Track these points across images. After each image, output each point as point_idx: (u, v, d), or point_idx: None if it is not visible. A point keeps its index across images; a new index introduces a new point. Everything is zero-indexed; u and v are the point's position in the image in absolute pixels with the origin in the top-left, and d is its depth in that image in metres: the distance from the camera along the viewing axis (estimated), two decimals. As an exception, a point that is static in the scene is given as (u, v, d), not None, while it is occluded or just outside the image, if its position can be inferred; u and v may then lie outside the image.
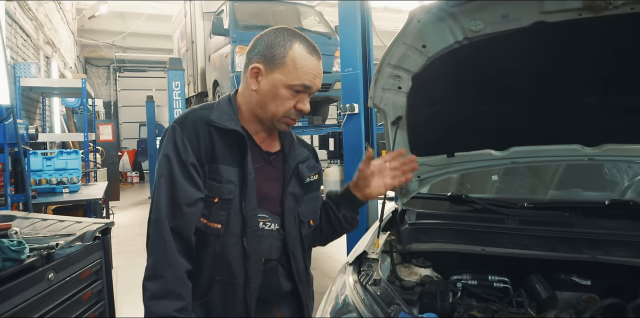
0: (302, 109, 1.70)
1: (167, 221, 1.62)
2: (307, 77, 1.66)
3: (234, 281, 1.66)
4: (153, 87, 19.94)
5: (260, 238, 1.70)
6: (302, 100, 1.69)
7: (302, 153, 1.88)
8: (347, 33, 4.94)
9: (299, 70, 1.65)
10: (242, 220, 1.67)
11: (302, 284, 1.83)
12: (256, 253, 1.68)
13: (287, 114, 1.69)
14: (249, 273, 1.66)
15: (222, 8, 9.36)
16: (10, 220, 2.89)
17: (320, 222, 1.92)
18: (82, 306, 2.61)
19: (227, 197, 1.66)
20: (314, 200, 1.91)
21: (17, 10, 7.96)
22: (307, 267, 1.90)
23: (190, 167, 1.63)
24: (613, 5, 1.83)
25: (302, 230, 1.83)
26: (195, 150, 1.65)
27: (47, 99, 9.97)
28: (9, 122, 4.61)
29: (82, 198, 6.11)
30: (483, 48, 2.20)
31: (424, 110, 2.58)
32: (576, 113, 2.39)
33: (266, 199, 1.75)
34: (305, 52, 1.67)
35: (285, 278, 1.79)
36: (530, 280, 2.33)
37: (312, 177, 1.89)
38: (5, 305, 2.01)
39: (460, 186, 3.44)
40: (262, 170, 1.76)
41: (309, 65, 1.67)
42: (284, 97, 1.66)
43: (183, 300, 1.59)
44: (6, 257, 2.11)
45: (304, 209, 1.84)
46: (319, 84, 1.71)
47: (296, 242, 1.80)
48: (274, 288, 1.76)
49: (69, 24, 15.22)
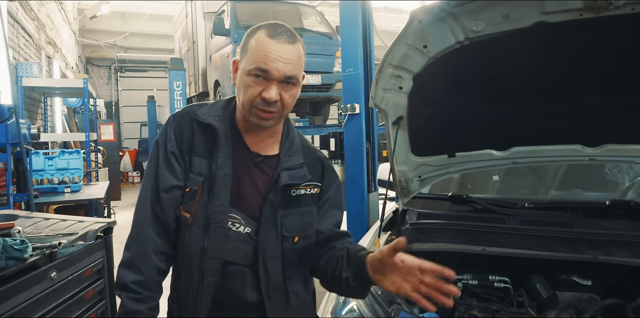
0: (265, 97, 1.55)
1: (148, 201, 1.69)
2: (262, 60, 1.53)
3: (192, 274, 1.68)
4: (154, 87, 19.93)
5: (225, 238, 1.65)
6: (267, 88, 1.55)
7: (295, 161, 1.74)
8: (348, 33, 4.94)
9: (255, 54, 1.56)
10: (208, 214, 1.65)
11: (272, 302, 1.69)
12: (214, 251, 1.64)
13: (254, 104, 1.58)
14: (202, 269, 1.64)
15: (224, 8, 9.37)
16: (12, 219, 2.89)
17: (327, 265, 1.76)
18: (84, 305, 2.61)
19: (194, 187, 1.66)
20: (306, 215, 1.75)
21: (19, 10, 7.97)
22: (289, 287, 1.73)
23: (170, 155, 1.67)
24: (614, 6, 1.83)
25: (284, 244, 1.70)
26: (179, 141, 1.68)
27: (48, 99, 9.98)
28: (11, 121, 4.62)
29: (83, 198, 6.12)
30: (484, 48, 2.20)
31: (424, 110, 2.58)
32: (577, 113, 2.40)
33: (244, 201, 1.69)
34: (266, 36, 1.56)
35: (252, 288, 1.69)
36: (530, 280, 2.33)
37: (308, 189, 1.76)
38: (8, 303, 2.01)
39: (461, 186, 3.45)
40: (247, 171, 1.71)
41: (267, 48, 1.54)
42: (247, 85, 1.58)
43: (142, 275, 1.65)
44: (9, 255, 2.11)
45: (290, 223, 1.71)
46: (281, 68, 1.54)
47: (274, 254, 1.69)
48: (235, 295, 1.68)
49: (71, 24, 15.24)
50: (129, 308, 1.66)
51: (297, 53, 1.58)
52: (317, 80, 8.40)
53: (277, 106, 1.58)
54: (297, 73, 1.59)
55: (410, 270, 1.48)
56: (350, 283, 1.63)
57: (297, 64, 1.59)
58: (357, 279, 1.61)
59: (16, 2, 7.69)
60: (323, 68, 8.51)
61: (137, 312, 1.65)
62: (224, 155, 1.65)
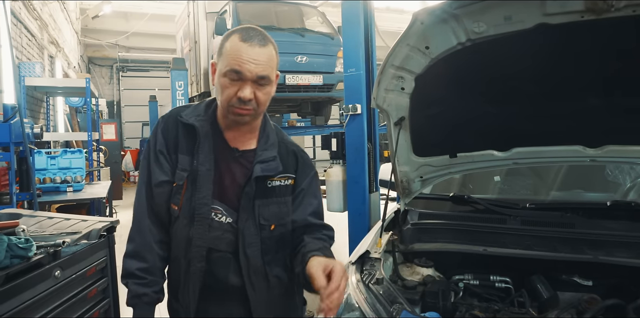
0: (240, 96, 1.68)
1: (143, 196, 1.87)
2: (235, 63, 1.66)
3: (180, 261, 1.85)
4: (156, 87, 19.96)
5: (208, 228, 1.80)
6: (242, 88, 1.68)
7: (268, 154, 1.87)
8: (350, 33, 4.93)
9: (229, 56, 1.68)
10: (192, 207, 1.80)
11: (253, 285, 1.84)
12: (199, 239, 1.79)
13: (231, 103, 1.71)
14: (189, 257, 1.81)
15: (225, 8, 9.38)
16: (16, 218, 2.90)
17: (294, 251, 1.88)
18: (88, 303, 2.63)
19: (179, 182, 1.81)
20: (281, 205, 1.90)
21: (21, 10, 8.00)
22: (268, 272, 1.87)
23: (159, 154, 1.84)
24: (615, 8, 1.84)
25: (262, 232, 1.85)
26: (166, 141, 1.85)
27: (51, 98, 10.00)
28: (14, 121, 4.64)
29: (85, 198, 6.15)
30: (486, 49, 2.21)
31: (426, 111, 2.59)
32: (578, 114, 2.41)
33: (225, 193, 1.84)
34: (239, 40, 1.69)
35: (235, 274, 1.84)
36: (532, 281, 2.34)
37: (282, 181, 1.89)
38: (13, 301, 2.03)
39: (462, 186, 3.46)
40: (227, 166, 1.85)
41: (239, 50, 1.67)
42: (223, 86, 1.71)
43: (146, 263, 1.83)
44: (14, 254, 2.12)
45: (266, 212, 1.85)
46: (253, 69, 1.66)
47: (253, 241, 1.83)
48: (220, 280, 1.83)
49: (73, 24, 15.26)
50: (136, 293, 1.83)
51: (268, 55, 1.71)
52: (319, 81, 8.41)
53: (252, 104, 1.72)
54: (268, 73, 1.71)
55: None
56: (300, 277, 1.79)
57: (268, 64, 1.71)
58: (305, 277, 1.71)
59: (19, 2, 7.71)
60: (325, 68, 8.52)
61: (143, 295, 1.83)
62: (205, 152, 1.80)
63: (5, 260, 2.07)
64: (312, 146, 22.84)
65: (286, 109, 9.71)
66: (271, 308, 1.91)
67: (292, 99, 8.84)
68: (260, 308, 1.87)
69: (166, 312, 2.01)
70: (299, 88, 8.29)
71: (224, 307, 1.87)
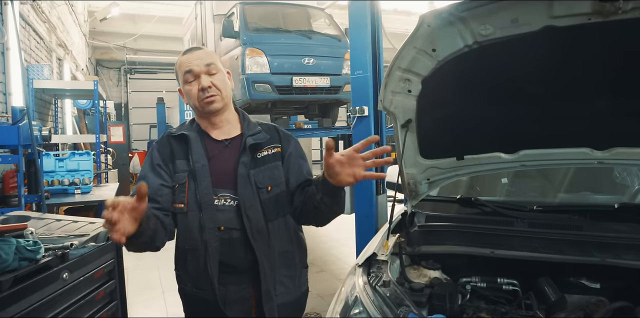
0: (202, 87, 2.05)
1: None
2: (185, 66, 2.07)
3: (197, 247, 2.03)
4: (163, 89, 19.97)
5: (216, 212, 2.03)
6: (199, 81, 2.06)
7: (254, 129, 2.18)
8: (357, 36, 4.95)
9: (180, 67, 2.10)
10: (197, 199, 2.04)
11: (258, 243, 2.03)
12: (210, 222, 2.02)
13: (200, 98, 2.07)
14: (205, 239, 2.01)
15: (233, 10, 9.38)
16: (25, 220, 2.93)
17: (306, 203, 2.08)
18: (95, 305, 2.65)
19: (181, 182, 2.07)
20: (272, 169, 2.13)
21: (30, 12, 8.04)
22: (270, 233, 2.08)
23: (157, 166, 2.10)
24: (622, 10, 1.84)
25: (261, 195, 2.07)
26: (162, 155, 2.14)
27: (59, 101, 10.05)
28: (23, 123, 4.67)
29: (93, 200, 6.16)
30: (493, 52, 2.22)
31: (433, 113, 2.59)
32: (586, 116, 2.40)
33: (223, 179, 2.08)
34: (181, 56, 2.12)
35: (246, 246, 2.03)
36: (539, 283, 2.33)
37: (269, 150, 2.16)
38: (22, 303, 2.05)
39: (469, 189, 3.45)
40: (219, 157, 2.12)
41: (184, 59, 2.09)
42: (188, 90, 2.09)
43: None
44: (22, 256, 2.14)
45: (261, 177, 2.09)
46: (199, 63, 2.06)
47: (252, 204, 2.05)
48: (237, 256, 2.04)
49: (81, 26, 15.33)
50: None
51: (205, 52, 2.12)
52: (326, 83, 8.41)
53: (213, 90, 2.06)
54: (212, 61, 2.08)
55: (351, 157, 1.82)
56: (325, 202, 1.97)
57: (208, 55, 2.10)
58: (327, 194, 1.95)
59: (27, 5, 7.75)
60: (331, 70, 8.51)
61: None
62: (197, 152, 2.09)
63: (14, 262, 2.09)
64: (319, 148, 22.85)
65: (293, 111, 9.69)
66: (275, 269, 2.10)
67: (299, 101, 8.82)
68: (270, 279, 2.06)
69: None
70: (306, 90, 8.28)
71: (240, 286, 2.06)
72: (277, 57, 8.09)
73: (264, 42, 8.24)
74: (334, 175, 1.84)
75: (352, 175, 1.82)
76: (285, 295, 2.13)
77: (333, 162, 1.81)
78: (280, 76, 8.02)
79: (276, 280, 2.10)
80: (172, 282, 2.23)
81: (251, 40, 8.28)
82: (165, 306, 5.37)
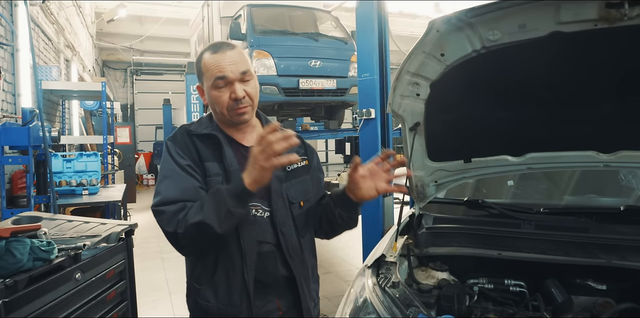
0: (235, 97, 1.83)
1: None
2: (217, 70, 1.82)
3: (234, 258, 1.84)
4: (169, 90, 20.06)
5: (253, 223, 1.86)
6: (232, 89, 1.84)
7: None
8: (364, 39, 4.96)
9: (209, 70, 1.85)
10: None
11: (295, 261, 1.91)
12: (248, 233, 1.83)
13: (229, 108, 1.86)
14: (244, 251, 1.82)
15: (240, 13, 9.41)
16: (37, 221, 2.96)
17: (320, 217, 2.03)
18: (107, 306, 2.67)
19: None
20: (303, 183, 2.02)
21: (39, 14, 8.10)
22: (304, 249, 1.97)
23: (187, 167, 1.84)
24: (628, 17, 1.86)
25: (293, 210, 1.95)
26: (187, 156, 1.88)
27: (66, 102, 10.10)
28: (33, 124, 4.71)
29: (101, 200, 6.20)
30: (500, 56, 2.24)
31: (441, 117, 2.62)
32: (592, 120, 2.43)
33: None
34: (209, 54, 1.87)
35: (280, 262, 1.90)
36: (546, 284, 2.35)
37: (299, 163, 2.02)
38: (36, 303, 2.08)
39: (476, 191, 3.47)
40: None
41: (214, 60, 1.84)
42: (217, 97, 1.86)
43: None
44: (36, 257, 2.17)
45: (293, 191, 1.97)
46: (234, 69, 1.83)
47: (286, 220, 1.92)
48: (270, 272, 1.89)
49: (88, 28, 15.40)
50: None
51: (238, 53, 1.87)
52: (332, 85, 8.42)
53: (247, 101, 1.87)
54: (247, 67, 1.86)
55: (373, 171, 1.84)
56: (343, 217, 1.96)
57: (243, 60, 1.87)
58: (346, 209, 1.94)
59: (37, 6, 7.81)
60: (338, 72, 8.52)
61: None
62: (230, 155, 1.89)
63: (28, 262, 2.12)
64: (325, 150, 22.87)
65: (299, 113, 9.70)
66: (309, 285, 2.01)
67: (305, 103, 8.83)
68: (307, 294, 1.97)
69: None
70: (313, 92, 8.29)
71: (265, 300, 1.90)
72: (283, 60, 8.10)
73: (271, 45, 8.25)
74: (355, 190, 1.86)
75: (374, 188, 1.84)
76: (315, 309, 2.06)
77: (358, 177, 1.83)
78: (287, 78, 8.03)
79: (309, 295, 2.00)
80: (178, 284, 2.21)
81: (258, 43, 8.30)
82: (172, 308, 5.40)
